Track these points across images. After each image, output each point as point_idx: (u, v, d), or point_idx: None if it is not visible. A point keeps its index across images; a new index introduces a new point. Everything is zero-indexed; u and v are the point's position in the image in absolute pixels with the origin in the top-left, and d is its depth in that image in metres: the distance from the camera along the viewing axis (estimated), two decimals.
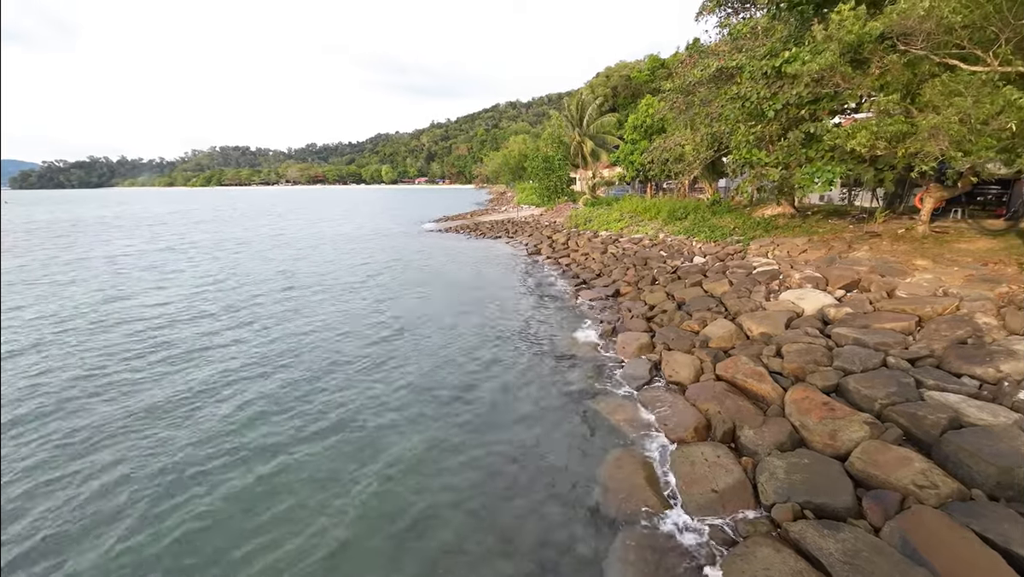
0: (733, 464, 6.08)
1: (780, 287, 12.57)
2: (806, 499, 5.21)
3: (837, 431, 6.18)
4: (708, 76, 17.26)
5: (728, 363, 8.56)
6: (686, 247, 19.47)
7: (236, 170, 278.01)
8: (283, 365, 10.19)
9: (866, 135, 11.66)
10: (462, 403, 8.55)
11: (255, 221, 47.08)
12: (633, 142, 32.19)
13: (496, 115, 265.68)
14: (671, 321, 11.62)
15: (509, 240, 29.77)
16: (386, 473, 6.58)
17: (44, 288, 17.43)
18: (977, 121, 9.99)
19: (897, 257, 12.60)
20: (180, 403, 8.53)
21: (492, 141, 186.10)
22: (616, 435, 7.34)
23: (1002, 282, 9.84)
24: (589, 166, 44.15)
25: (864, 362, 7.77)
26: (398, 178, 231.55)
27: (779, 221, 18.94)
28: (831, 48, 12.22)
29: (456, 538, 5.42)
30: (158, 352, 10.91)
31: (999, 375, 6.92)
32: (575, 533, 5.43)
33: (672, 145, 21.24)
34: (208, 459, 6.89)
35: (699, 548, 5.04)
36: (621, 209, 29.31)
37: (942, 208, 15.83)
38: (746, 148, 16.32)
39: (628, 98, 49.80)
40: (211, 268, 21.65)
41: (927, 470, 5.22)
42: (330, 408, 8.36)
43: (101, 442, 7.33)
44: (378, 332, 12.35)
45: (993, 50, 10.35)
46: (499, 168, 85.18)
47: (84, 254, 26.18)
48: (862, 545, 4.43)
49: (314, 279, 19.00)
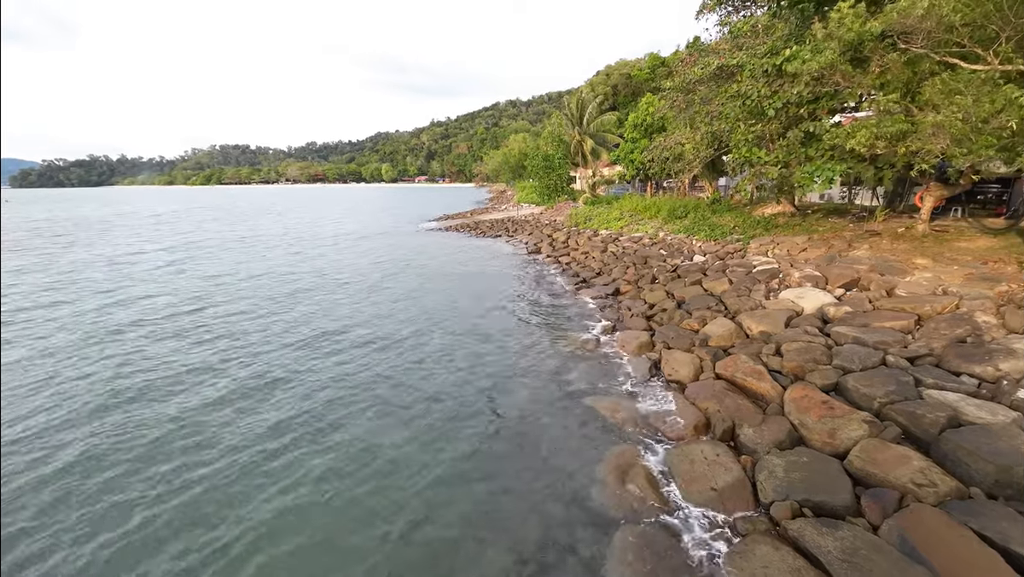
0: (732, 462, 6.09)
1: (780, 286, 12.58)
2: (805, 497, 5.22)
3: (836, 429, 6.19)
4: (708, 74, 17.24)
5: (728, 362, 8.57)
6: (686, 246, 19.47)
7: (236, 169, 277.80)
8: (285, 362, 10.21)
9: (866, 134, 11.65)
10: (461, 401, 8.55)
11: (258, 221, 46.91)
12: (633, 140, 32.17)
13: (496, 113, 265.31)
14: (671, 320, 11.62)
15: (509, 239, 29.76)
16: (384, 470, 6.59)
17: (69, 289, 17.45)
18: (978, 119, 9.99)
19: (897, 256, 12.60)
20: (178, 396, 8.55)
21: (492, 140, 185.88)
22: (615, 433, 7.35)
23: (1002, 281, 9.84)
24: (589, 165, 44.12)
25: (863, 361, 7.78)
26: (398, 177, 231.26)
27: (779, 220, 18.93)
28: (831, 47, 12.20)
29: (455, 536, 5.43)
30: (167, 344, 10.95)
31: (998, 374, 6.93)
32: (574, 531, 5.44)
33: (672, 144, 21.23)
34: (207, 454, 6.90)
35: (698, 546, 5.05)
36: (621, 208, 29.29)
37: (942, 207, 15.81)
38: (746, 147, 16.31)
39: (628, 96, 49.80)
40: (226, 267, 21.67)
41: (926, 468, 5.22)
42: (330, 404, 8.37)
43: (102, 441, 7.35)
44: (377, 331, 12.35)
45: (993, 48, 10.33)
46: (499, 167, 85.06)
47: (91, 254, 26.19)
48: (861, 543, 4.44)
49: (319, 280, 19.01)
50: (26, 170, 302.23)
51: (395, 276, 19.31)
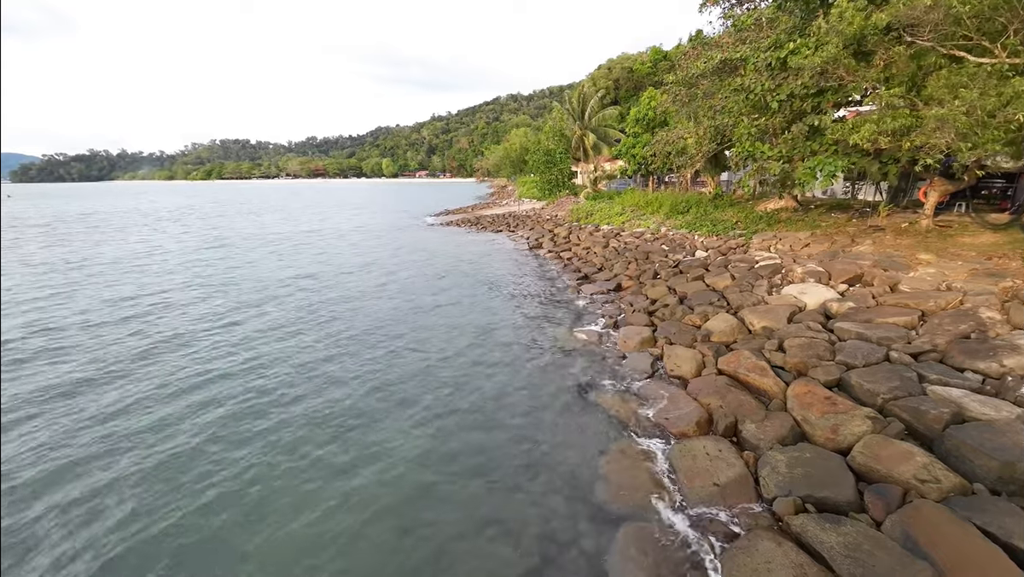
0: (735, 458, 6.08)
1: (782, 281, 12.53)
2: (807, 493, 5.22)
3: (839, 425, 6.18)
4: (711, 68, 17.09)
5: (730, 357, 8.56)
6: (688, 241, 19.41)
7: (236, 164, 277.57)
8: (290, 357, 10.23)
9: (870, 129, 11.56)
10: (463, 397, 8.55)
11: (267, 217, 46.42)
12: (635, 135, 31.98)
13: (497, 108, 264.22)
14: (673, 315, 11.60)
15: (510, 234, 29.68)
16: (387, 465, 6.61)
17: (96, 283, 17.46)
18: (984, 113, 9.89)
19: (900, 251, 12.54)
20: (179, 391, 8.58)
21: (493, 134, 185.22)
22: (618, 429, 7.34)
23: (1006, 276, 9.80)
24: (591, 160, 43.91)
25: (866, 357, 7.76)
26: (399, 172, 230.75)
27: (782, 215, 18.85)
28: (833, 41, 12.08)
29: (458, 531, 5.45)
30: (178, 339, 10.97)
31: (1002, 370, 6.90)
32: (577, 526, 5.45)
33: (674, 138, 21.08)
34: (208, 448, 6.93)
35: (701, 542, 5.05)
36: (623, 203, 29.18)
37: (946, 202, 15.72)
38: (749, 141, 16.19)
39: (630, 91, 49.51)
40: (251, 268, 21.69)
41: (929, 464, 5.22)
42: (331, 399, 8.38)
43: (105, 441, 7.38)
44: (378, 327, 12.35)
45: (1001, 41, 10.23)
46: (500, 162, 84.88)
47: (99, 253, 26.20)
48: (863, 539, 4.44)
49: (323, 280, 19.02)
50: (27, 165, 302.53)
51: (396, 273, 19.30)
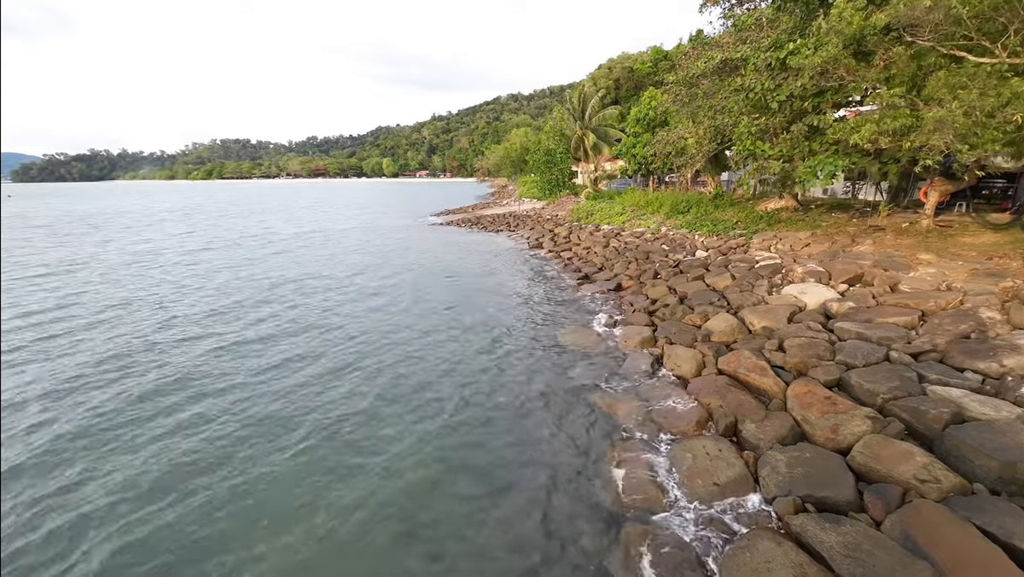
0: (735, 458, 6.09)
1: (783, 281, 12.53)
2: (807, 493, 5.22)
3: (839, 425, 6.18)
4: (712, 68, 17.08)
5: (730, 357, 8.56)
6: (688, 241, 19.41)
7: (237, 163, 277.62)
8: (290, 357, 10.23)
9: (870, 129, 11.56)
10: (463, 396, 8.56)
11: (270, 217, 46.28)
12: (635, 135, 31.97)
13: (498, 108, 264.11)
14: (673, 315, 11.60)
15: (511, 234, 29.69)
16: (388, 465, 6.61)
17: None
18: (983, 113, 9.89)
19: (901, 251, 12.54)
20: (179, 391, 8.59)
21: (493, 134, 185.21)
22: (618, 429, 7.35)
23: (1007, 276, 9.79)
24: (591, 159, 43.89)
25: (866, 356, 7.76)
26: (399, 171, 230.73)
27: (782, 215, 18.84)
28: (832, 41, 12.07)
29: (459, 531, 5.45)
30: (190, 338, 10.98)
31: (1002, 370, 6.90)
32: (577, 526, 5.46)
33: (675, 138, 21.07)
34: (208, 448, 6.94)
35: (700, 541, 5.05)
36: (623, 203, 29.18)
37: (946, 202, 15.72)
38: (749, 140, 16.19)
39: (631, 91, 49.40)
40: (265, 266, 21.71)
41: (929, 464, 5.22)
42: (333, 399, 8.39)
43: (109, 442, 7.39)
44: (379, 326, 12.36)
45: (1001, 41, 10.22)
46: (500, 161, 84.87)
47: (102, 252, 26.23)
48: (863, 539, 4.44)
49: (329, 281, 19.02)
50: (27, 164, 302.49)
51: (398, 272, 19.31)
